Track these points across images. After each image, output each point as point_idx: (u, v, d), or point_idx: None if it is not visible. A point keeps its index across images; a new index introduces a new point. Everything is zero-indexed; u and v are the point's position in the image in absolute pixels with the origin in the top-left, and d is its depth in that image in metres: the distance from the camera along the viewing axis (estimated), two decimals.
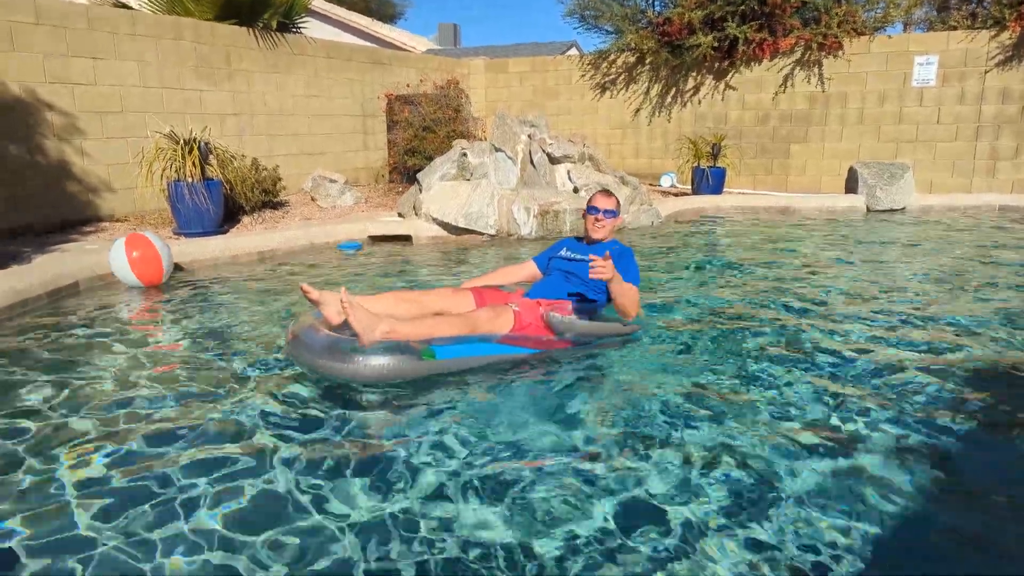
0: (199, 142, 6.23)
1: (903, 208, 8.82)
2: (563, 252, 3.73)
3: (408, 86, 10.22)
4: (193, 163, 6.13)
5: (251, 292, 4.71)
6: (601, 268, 2.98)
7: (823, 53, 9.89)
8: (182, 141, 6.18)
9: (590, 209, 3.65)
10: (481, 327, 3.04)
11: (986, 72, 9.21)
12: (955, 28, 9.73)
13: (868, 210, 8.84)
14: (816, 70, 10.02)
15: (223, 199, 6.47)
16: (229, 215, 6.89)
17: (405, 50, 17.18)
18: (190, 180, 6.06)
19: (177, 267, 5.21)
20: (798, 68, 10.10)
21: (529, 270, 3.85)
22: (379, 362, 2.77)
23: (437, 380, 2.92)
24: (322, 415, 2.65)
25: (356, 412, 2.69)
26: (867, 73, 9.78)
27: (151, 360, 3.28)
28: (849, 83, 9.89)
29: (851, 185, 9.41)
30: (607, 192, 3.72)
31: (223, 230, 6.49)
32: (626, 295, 3.27)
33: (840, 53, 9.82)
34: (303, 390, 2.88)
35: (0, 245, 5.59)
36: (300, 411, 2.69)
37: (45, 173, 6.28)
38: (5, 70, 5.92)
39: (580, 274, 3.53)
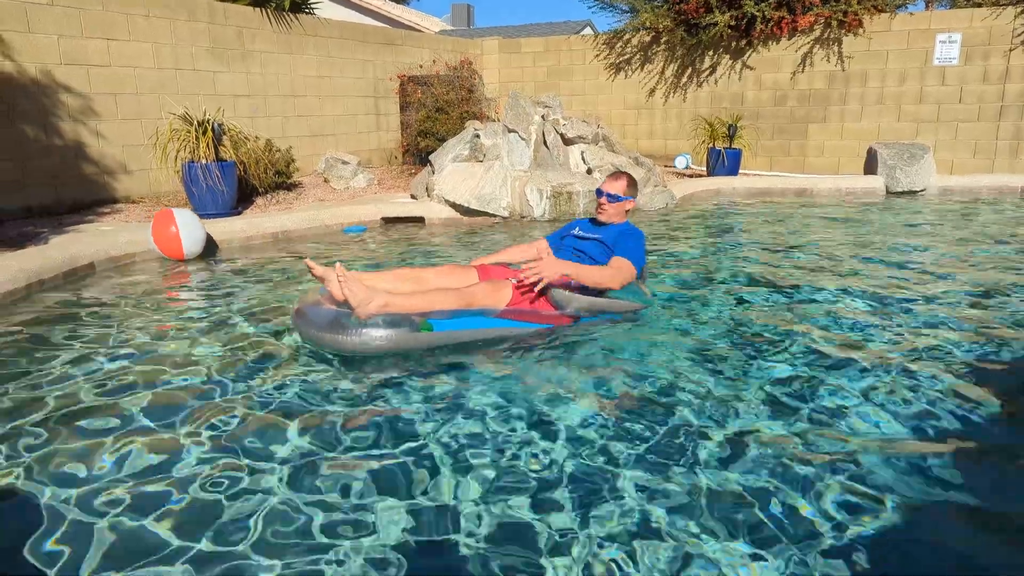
0: (213, 123, 6.24)
1: (923, 189, 8.69)
2: (575, 231, 3.73)
3: (421, 67, 10.16)
4: (207, 144, 6.14)
5: (265, 272, 4.73)
6: (533, 275, 3.06)
7: (843, 31, 9.70)
8: (196, 122, 6.19)
9: (597, 191, 3.64)
10: (478, 301, 3.07)
11: (1011, 50, 9.00)
12: (979, 5, 9.52)
13: (887, 191, 8.72)
14: (835, 48, 9.83)
15: (237, 180, 6.48)
16: (243, 196, 6.92)
17: (418, 30, 17.07)
18: (204, 161, 6.08)
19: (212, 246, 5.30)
20: (817, 46, 9.92)
21: (540, 249, 3.84)
22: (376, 334, 2.84)
23: (438, 354, 2.96)
24: (327, 387, 2.67)
25: (354, 385, 2.71)
26: (888, 51, 9.59)
27: (160, 338, 3.31)
28: (869, 61, 9.71)
29: (870, 166, 9.27)
30: (617, 174, 3.68)
31: (237, 211, 6.51)
32: (596, 277, 3.25)
33: (860, 31, 9.63)
34: (308, 367, 2.90)
35: (17, 225, 5.65)
36: (305, 384, 2.71)
37: (61, 154, 6.32)
38: (21, 51, 5.95)
39: (589, 252, 3.52)
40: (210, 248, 5.27)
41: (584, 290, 3.30)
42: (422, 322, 2.91)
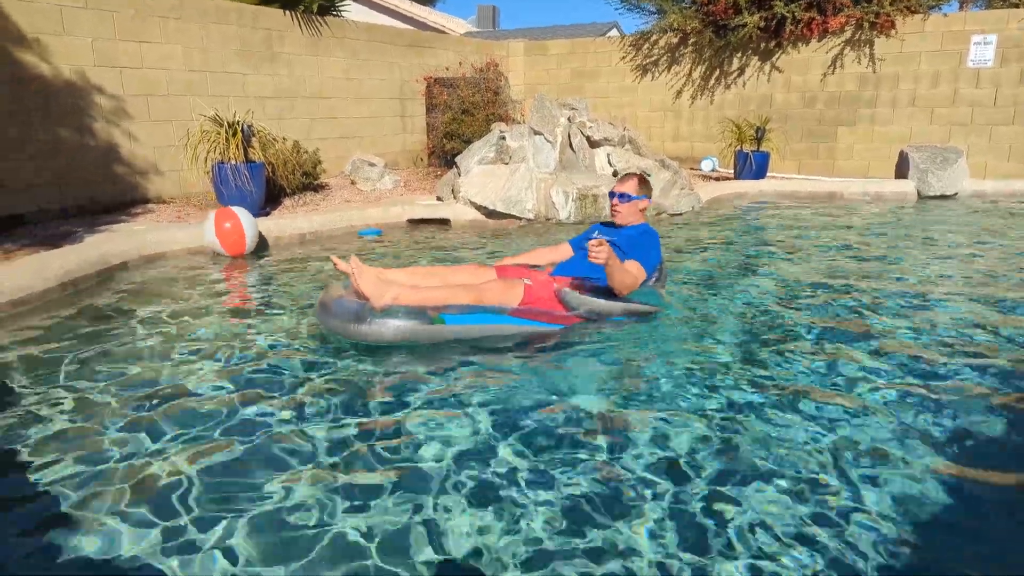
0: (242, 125, 6.30)
1: (955, 194, 8.52)
2: (595, 235, 3.75)
3: (447, 69, 10.19)
4: (236, 146, 6.20)
5: (301, 269, 4.77)
6: (596, 253, 2.96)
7: (875, 32, 9.55)
8: (226, 124, 6.26)
9: (609, 194, 3.66)
10: (488, 298, 3.13)
11: None
12: (1016, 6, 9.31)
13: (919, 195, 8.56)
14: (867, 50, 9.69)
15: (265, 181, 6.54)
16: (271, 197, 6.98)
17: (444, 32, 17.13)
18: (233, 162, 6.15)
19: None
20: (848, 48, 9.78)
21: (563, 252, 3.86)
22: (390, 325, 2.99)
23: (452, 351, 3.04)
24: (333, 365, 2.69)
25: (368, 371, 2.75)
26: (920, 53, 9.42)
27: (186, 336, 3.35)
28: (901, 64, 9.55)
29: (902, 170, 9.12)
30: (628, 176, 3.70)
31: (265, 212, 6.57)
32: (618, 276, 3.21)
33: (892, 32, 9.47)
34: (319, 353, 2.92)
35: (52, 226, 5.76)
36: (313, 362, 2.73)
37: (94, 155, 6.43)
38: (56, 53, 6.06)
39: None
40: (262, 244, 5.46)
41: (596, 292, 3.32)
42: (435, 316, 3.04)
